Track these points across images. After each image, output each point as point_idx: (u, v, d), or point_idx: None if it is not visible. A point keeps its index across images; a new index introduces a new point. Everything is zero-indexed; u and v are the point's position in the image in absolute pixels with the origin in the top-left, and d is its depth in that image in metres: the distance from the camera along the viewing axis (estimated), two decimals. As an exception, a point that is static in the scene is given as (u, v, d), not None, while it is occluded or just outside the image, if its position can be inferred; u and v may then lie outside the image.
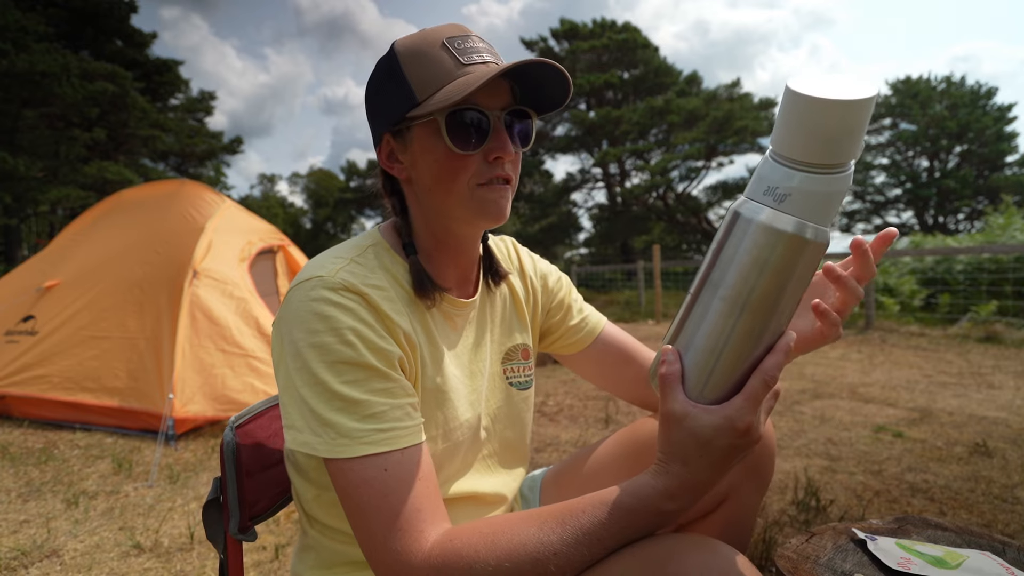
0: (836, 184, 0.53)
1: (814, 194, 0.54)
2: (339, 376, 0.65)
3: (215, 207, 3.91)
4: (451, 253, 0.82)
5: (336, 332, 0.66)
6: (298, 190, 43.63)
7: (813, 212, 0.54)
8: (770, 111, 23.52)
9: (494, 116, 0.73)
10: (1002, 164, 25.27)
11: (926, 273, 8.40)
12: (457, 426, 0.79)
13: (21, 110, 15.74)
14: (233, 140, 24.41)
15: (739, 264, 0.57)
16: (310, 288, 0.69)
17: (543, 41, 24.03)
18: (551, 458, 2.62)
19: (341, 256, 0.74)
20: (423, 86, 0.72)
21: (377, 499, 0.63)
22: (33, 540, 1.95)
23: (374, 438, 0.64)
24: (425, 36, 0.74)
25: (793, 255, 0.55)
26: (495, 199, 0.75)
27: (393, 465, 0.64)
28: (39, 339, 3.46)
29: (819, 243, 0.55)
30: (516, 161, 0.78)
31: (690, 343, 0.61)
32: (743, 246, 0.56)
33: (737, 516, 0.92)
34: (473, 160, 0.73)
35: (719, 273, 0.58)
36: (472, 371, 0.84)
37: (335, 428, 0.64)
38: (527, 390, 0.93)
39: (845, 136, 0.51)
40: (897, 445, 2.67)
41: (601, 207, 26.26)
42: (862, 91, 0.50)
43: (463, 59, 0.72)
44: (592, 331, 1.00)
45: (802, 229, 0.54)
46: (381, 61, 0.77)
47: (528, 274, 0.97)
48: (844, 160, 0.53)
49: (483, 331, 0.87)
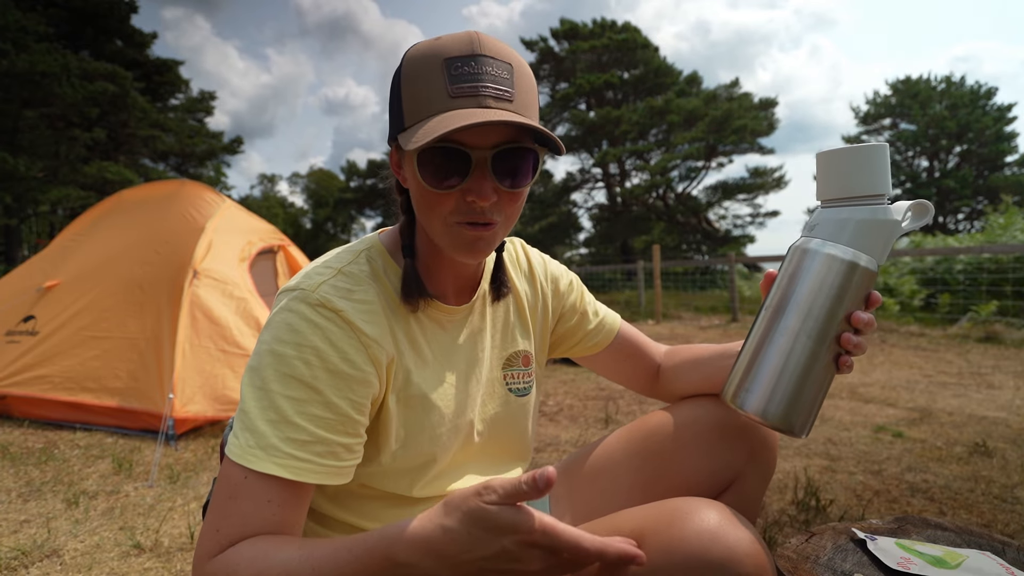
0: (877, 214, 0.65)
1: (860, 223, 0.66)
2: (284, 388, 0.66)
3: (215, 207, 3.91)
4: (448, 266, 0.81)
5: (298, 347, 0.67)
6: (298, 190, 43.70)
7: (860, 241, 0.66)
8: (770, 111, 23.54)
9: (477, 155, 0.67)
10: (1002, 164, 25.28)
11: (926, 273, 8.40)
12: (445, 431, 0.79)
13: (21, 110, 15.73)
14: (233, 140, 24.42)
15: (793, 281, 0.69)
16: (290, 298, 0.71)
17: (543, 41, 24.02)
18: (551, 458, 2.62)
19: (330, 266, 0.75)
20: (411, 112, 0.68)
21: (223, 499, 0.65)
22: (33, 540, 1.95)
23: (286, 463, 0.64)
24: (432, 49, 0.68)
25: (844, 278, 0.66)
26: (471, 240, 0.71)
27: (262, 483, 0.65)
28: (40, 339, 3.46)
29: (866, 268, 0.66)
30: (509, 200, 0.71)
31: (760, 360, 0.71)
32: (803, 275, 0.68)
33: (741, 503, 0.93)
34: (450, 198, 0.69)
35: (781, 299, 0.70)
36: (467, 375, 0.83)
37: (258, 437, 0.65)
38: (526, 396, 0.92)
39: (867, 170, 0.65)
40: (897, 445, 2.67)
41: (601, 207, 26.27)
42: (873, 142, 0.66)
43: (452, 88, 0.65)
44: (610, 333, 1.02)
45: (855, 256, 0.66)
46: (398, 66, 0.73)
47: (538, 278, 0.96)
48: (873, 191, 0.65)
49: (481, 336, 0.87)
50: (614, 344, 1.02)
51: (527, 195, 0.76)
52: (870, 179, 0.65)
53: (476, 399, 0.85)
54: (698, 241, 25.81)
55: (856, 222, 0.65)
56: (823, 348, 0.67)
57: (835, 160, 0.67)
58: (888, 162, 0.66)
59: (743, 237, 25.05)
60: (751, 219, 25.25)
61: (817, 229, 0.68)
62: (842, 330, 0.67)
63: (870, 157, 0.65)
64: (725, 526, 0.58)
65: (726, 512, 0.60)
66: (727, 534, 0.57)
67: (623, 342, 1.03)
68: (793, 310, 0.67)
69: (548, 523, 0.53)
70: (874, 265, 0.66)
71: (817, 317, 0.66)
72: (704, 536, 0.57)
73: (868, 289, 0.67)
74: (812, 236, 0.68)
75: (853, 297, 0.66)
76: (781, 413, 0.69)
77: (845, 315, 0.67)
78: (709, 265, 15.77)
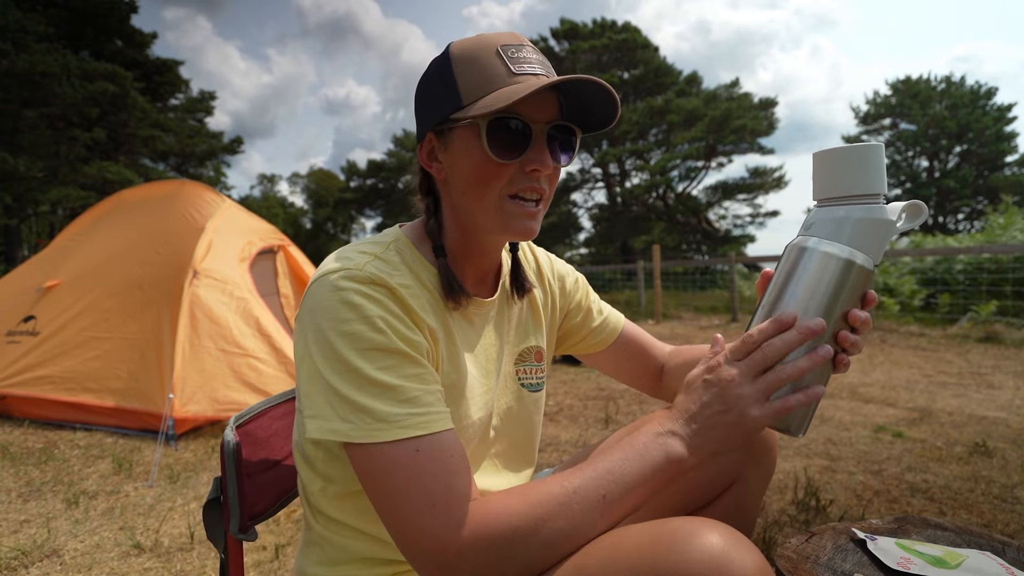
0: (873, 213, 0.65)
1: (857, 222, 0.66)
2: (372, 363, 0.65)
3: (215, 207, 3.91)
4: (474, 256, 0.83)
5: (367, 320, 0.66)
6: (298, 190, 43.72)
7: (856, 239, 0.66)
8: (770, 111, 23.54)
9: (537, 128, 0.73)
10: (1002, 164, 25.28)
11: (926, 273, 8.40)
12: (468, 424, 0.79)
13: (21, 110, 15.72)
14: (233, 140, 24.42)
15: (789, 279, 0.69)
16: (336, 279, 0.68)
17: (543, 41, 24.02)
18: (551, 458, 2.62)
19: (365, 252, 0.74)
20: (471, 90, 0.72)
21: (409, 480, 0.62)
22: (33, 540, 1.95)
23: (411, 422, 0.64)
24: (481, 41, 0.75)
25: (841, 276, 0.66)
26: (522, 217, 0.76)
27: (425, 447, 0.64)
28: (41, 340, 3.46)
29: (862, 267, 0.66)
30: (554, 176, 0.78)
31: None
32: (799, 273, 0.68)
33: (742, 503, 0.94)
34: (508, 169, 0.74)
35: (777, 296, 0.70)
36: (487, 370, 0.85)
37: (371, 413, 0.64)
38: (538, 392, 0.93)
39: (864, 170, 0.65)
40: (897, 445, 2.67)
41: (601, 207, 26.28)
42: (868, 141, 0.66)
43: (514, 68, 0.72)
44: (613, 331, 1.04)
45: (851, 254, 0.66)
46: (435, 60, 0.78)
47: (546, 275, 0.98)
48: (869, 191, 0.66)
49: (500, 331, 0.88)
50: (618, 343, 1.04)
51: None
52: (866, 178, 0.65)
53: (494, 393, 0.86)
54: (698, 241, 25.81)
55: (853, 221, 0.65)
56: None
57: (832, 159, 0.67)
58: (884, 162, 0.66)
59: (743, 237, 25.06)
60: (751, 219, 25.26)
61: (814, 228, 0.68)
62: (839, 328, 0.67)
63: (866, 156, 0.65)
64: (729, 551, 0.55)
65: (729, 534, 0.57)
66: (731, 561, 0.54)
67: (627, 341, 1.05)
68: (790, 308, 0.67)
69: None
70: (870, 264, 0.66)
71: (814, 315, 0.66)
72: (707, 563, 0.54)
73: (865, 288, 0.67)
74: (809, 235, 0.68)
75: (850, 295, 0.66)
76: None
77: (842, 313, 0.66)
78: (709, 265, 15.78)
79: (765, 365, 0.65)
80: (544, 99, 0.73)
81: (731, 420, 0.65)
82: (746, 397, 0.65)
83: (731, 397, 0.65)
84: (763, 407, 0.65)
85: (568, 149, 0.78)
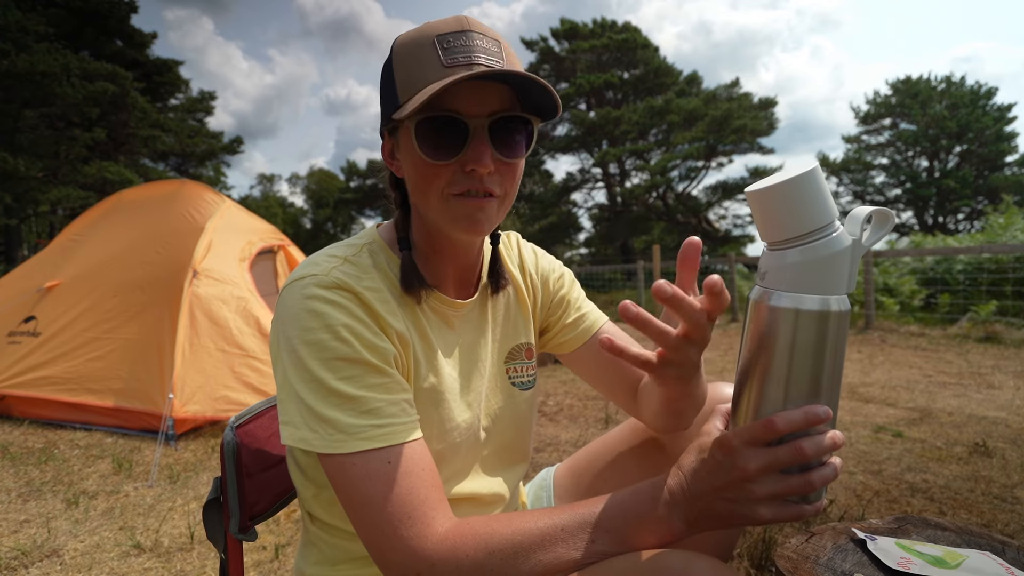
0: (829, 247, 0.57)
1: (812, 264, 0.57)
2: (335, 373, 0.65)
3: (215, 207, 3.92)
4: (447, 254, 0.81)
5: (330, 329, 0.66)
6: (298, 190, 43.71)
7: (819, 282, 0.58)
8: (770, 111, 23.55)
9: (476, 123, 0.68)
10: (1002, 164, 25.27)
11: (926, 273, 8.40)
12: (453, 427, 0.79)
13: (21, 110, 15.73)
14: (233, 140, 24.40)
15: (761, 344, 0.60)
16: (303, 286, 0.69)
17: (543, 41, 24.01)
18: (551, 458, 2.62)
19: (335, 255, 0.74)
20: (404, 87, 0.69)
21: (382, 491, 0.63)
22: (33, 540, 1.95)
23: (371, 433, 0.64)
24: (421, 32, 0.70)
25: (818, 332, 0.58)
26: (469, 212, 0.71)
27: (395, 458, 0.64)
28: (42, 340, 3.46)
29: (838, 312, 0.58)
30: (507, 171, 0.72)
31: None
32: (758, 328, 0.60)
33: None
34: (447, 169, 0.70)
35: (752, 357, 0.61)
36: (470, 371, 0.83)
37: (332, 424, 0.64)
38: (529, 390, 0.92)
39: (803, 205, 0.57)
40: (897, 445, 2.67)
41: (601, 207, 26.26)
42: (800, 169, 0.57)
43: (446, 59, 0.66)
44: (588, 329, 0.95)
45: (823, 303, 0.57)
46: (388, 55, 0.75)
47: (528, 271, 0.95)
48: (815, 226, 0.57)
49: (483, 331, 0.86)
50: (592, 343, 0.94)
51: (522, 172, 0.77)
52: (808, 213, 0.57)
53: (481, 394, 0.85)
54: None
55: (807, 264, 0.57)
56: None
57: (766, 200, 0.58)
58: (824, 186, 0.57)
59: (743, 237, 25.05)
60: (751, 219, 25.16)
61: (768, 277, 0.60)
62: (837, 382, 0.60)
63: (801, 189, 0.56)
64: None
65: (716, 569, 0.57)
66: None
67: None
68: (779, 383, 0.59)
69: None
70: (845, 303, 0.59)
71: (809, 384, 0.59)
72: None
73: (846, 329, 0.60)
74: (766, 286, 0.60)
75: (835, 345, 0.58)
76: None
77: (836, 365, 0.59)
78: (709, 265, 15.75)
79: (790, 465, 0.57)
80: (485, 90, 0.68)
81: (739, 512, 0.59)
82: (763, 499, 0.58)
83: (743, 493, 0.58)
84: (775, 510, 0.58)
85: (517, 143, 0.72)
